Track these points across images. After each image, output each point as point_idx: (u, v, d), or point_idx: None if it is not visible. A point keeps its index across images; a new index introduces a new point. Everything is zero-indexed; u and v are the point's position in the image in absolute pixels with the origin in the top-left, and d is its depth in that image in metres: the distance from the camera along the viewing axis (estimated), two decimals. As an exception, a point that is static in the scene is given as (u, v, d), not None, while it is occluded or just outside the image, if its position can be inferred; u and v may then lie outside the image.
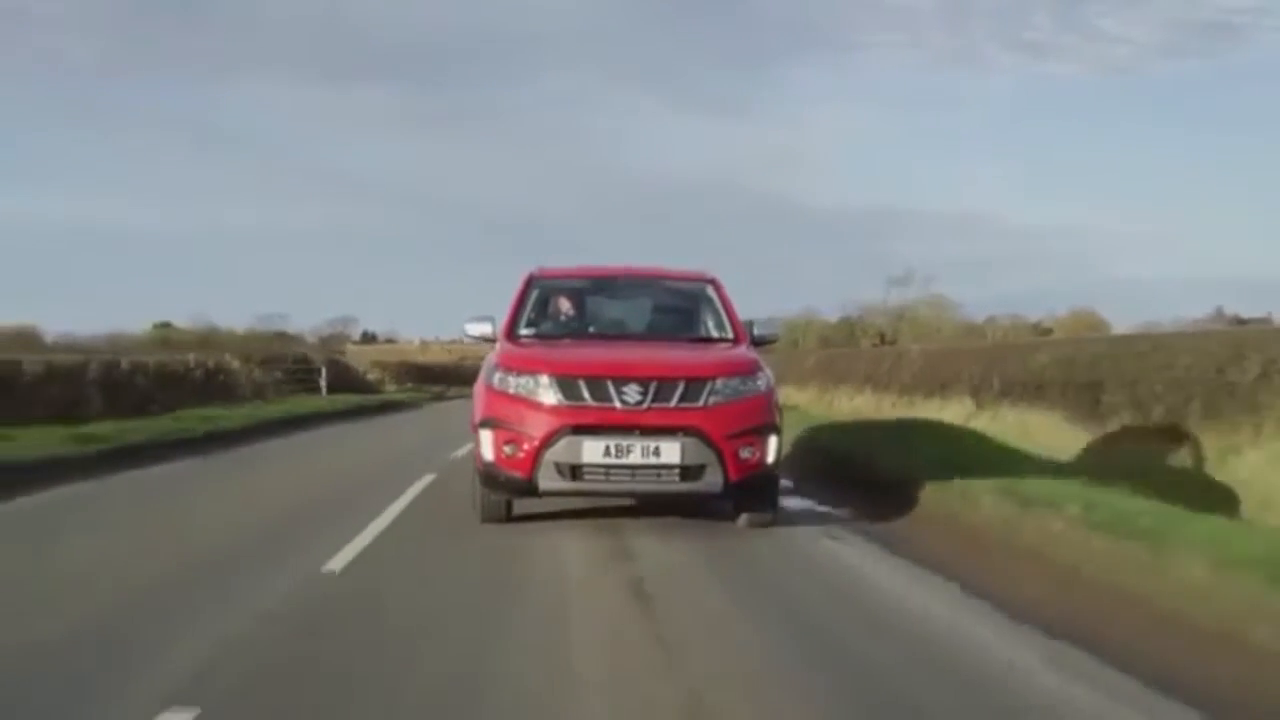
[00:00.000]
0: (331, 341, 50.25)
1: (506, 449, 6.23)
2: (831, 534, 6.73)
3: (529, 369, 6.39)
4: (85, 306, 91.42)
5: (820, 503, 8.21)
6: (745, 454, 6.23)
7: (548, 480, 6.18)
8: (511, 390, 6.36)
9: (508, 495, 6.59)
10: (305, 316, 74.71)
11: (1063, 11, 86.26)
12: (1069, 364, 13.14)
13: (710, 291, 7.78)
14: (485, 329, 7.30)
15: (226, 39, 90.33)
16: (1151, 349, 11.76)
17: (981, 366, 15.47)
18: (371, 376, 33.65)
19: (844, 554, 6.18)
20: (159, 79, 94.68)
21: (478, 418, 6.51)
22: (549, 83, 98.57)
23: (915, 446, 9.51)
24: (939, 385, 16.56)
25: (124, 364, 17.92)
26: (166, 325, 47.25)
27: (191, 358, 20.88)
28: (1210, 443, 9.51)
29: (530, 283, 7.74)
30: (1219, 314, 42.02)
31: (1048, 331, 38.79)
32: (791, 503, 7.85)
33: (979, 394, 14.95)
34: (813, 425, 13.28)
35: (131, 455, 10.77)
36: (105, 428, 12.28)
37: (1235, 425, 9.31)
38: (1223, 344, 10.72)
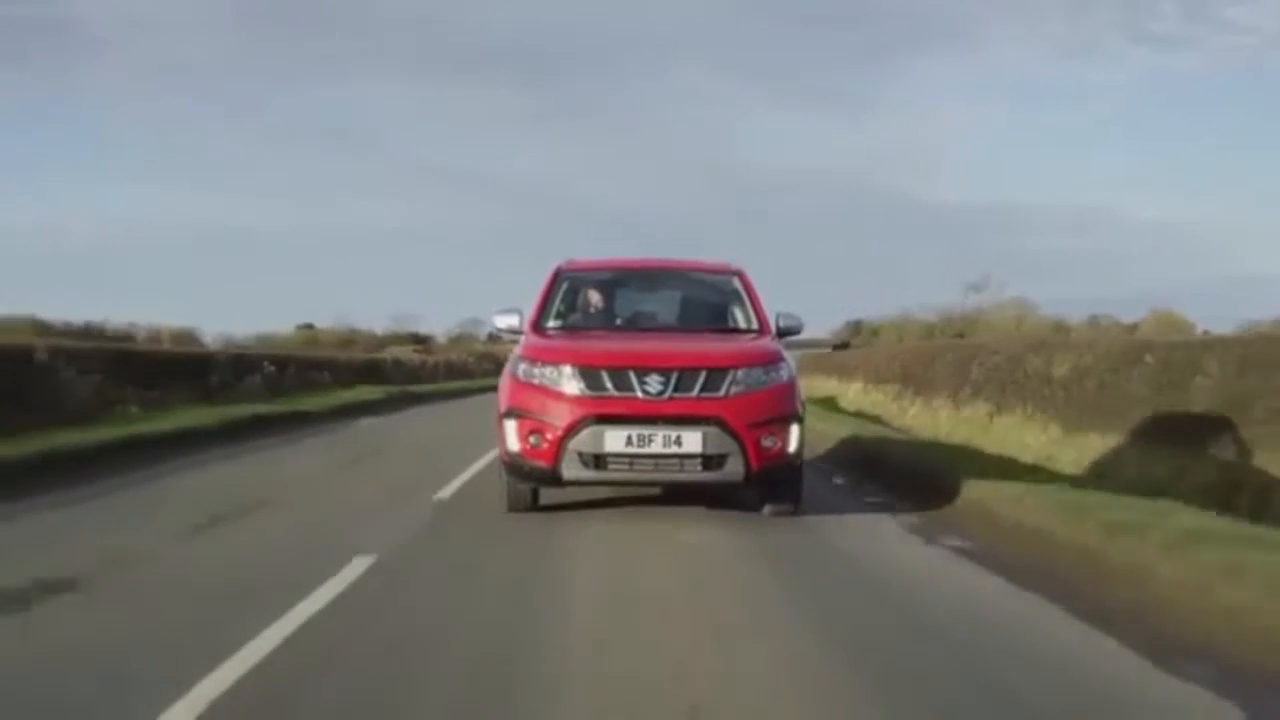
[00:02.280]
0: (461, 341, 53.32)
1: (531, 439, 6.34)
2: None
3: (552, 360, 6.47)
4: (229, 307, 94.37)
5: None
6: (767, 443, 6.33)
7: (571, 469, 6.28)
8: (535, 381, 6.44)
9: (532, 484, 6.72)
10: (437, 317, 79.05)
11: (1189, 1, 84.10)
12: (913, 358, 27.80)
13: (736, 283, 7.88)
14: (513, 321, 7.33)
15: (356, 39, 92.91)
16: (903, 352, 26.41)
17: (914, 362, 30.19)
18: (538, 365, 51.47)
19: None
20: (292, 81, 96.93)
21: (502, 408, 6.58)
22: (670, 79, 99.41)
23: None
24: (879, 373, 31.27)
25: (428, 359, 34.60)
26: (309, 326, 50.30)
27: (457, 355, 38.00)
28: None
29: (558, 275, 7.83)
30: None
31: (1135, 330, 39.93)
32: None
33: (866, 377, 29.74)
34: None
35: (483, 391, 27.19)
36: (454, 384, 28.36)
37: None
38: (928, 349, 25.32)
